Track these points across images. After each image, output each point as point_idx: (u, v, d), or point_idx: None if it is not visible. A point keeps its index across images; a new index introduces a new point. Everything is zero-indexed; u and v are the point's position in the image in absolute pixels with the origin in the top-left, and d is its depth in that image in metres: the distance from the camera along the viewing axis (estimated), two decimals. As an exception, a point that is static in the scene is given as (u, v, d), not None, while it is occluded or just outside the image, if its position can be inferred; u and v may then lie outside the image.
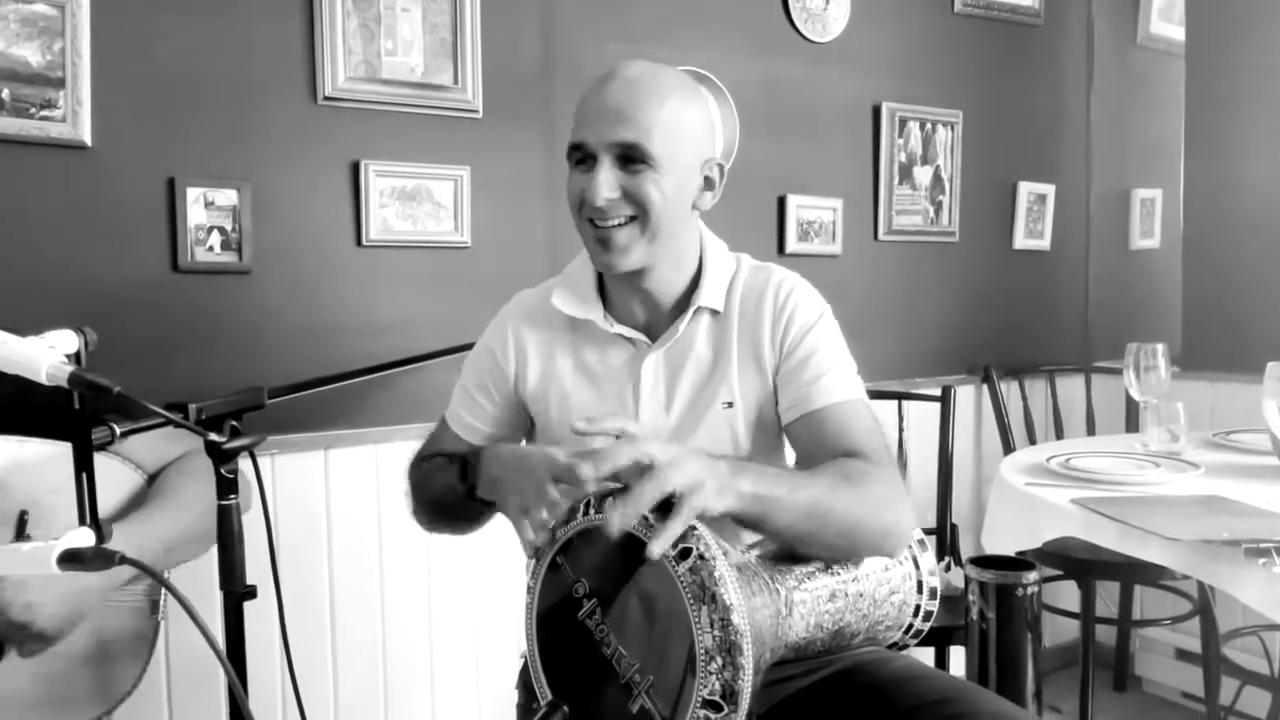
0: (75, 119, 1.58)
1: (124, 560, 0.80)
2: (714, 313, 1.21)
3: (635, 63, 1.14)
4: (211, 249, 1.70)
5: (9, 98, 1.53)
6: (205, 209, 1.70)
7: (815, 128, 2.42)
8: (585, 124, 1.10)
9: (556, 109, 2.04)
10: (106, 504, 1.19)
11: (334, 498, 1.84)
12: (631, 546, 0.90)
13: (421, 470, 1.32)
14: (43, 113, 1.56)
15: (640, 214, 1.11)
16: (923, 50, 2.60)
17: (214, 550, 1.19)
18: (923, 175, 2.60)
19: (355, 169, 1.84)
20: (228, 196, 1.71)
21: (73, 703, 1.19)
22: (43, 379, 0.83)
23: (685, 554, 0.90)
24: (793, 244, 2.37)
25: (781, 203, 2.37)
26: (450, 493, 1.20)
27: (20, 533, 1.14)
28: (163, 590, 1.29)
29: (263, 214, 1.75)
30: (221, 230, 1.71)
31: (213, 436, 0.92)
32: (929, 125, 2.60)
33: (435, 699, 1.99)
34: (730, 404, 1.19)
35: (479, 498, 1.15)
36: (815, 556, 1.05)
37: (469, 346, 1.70)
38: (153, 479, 1.28)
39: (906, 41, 2.57)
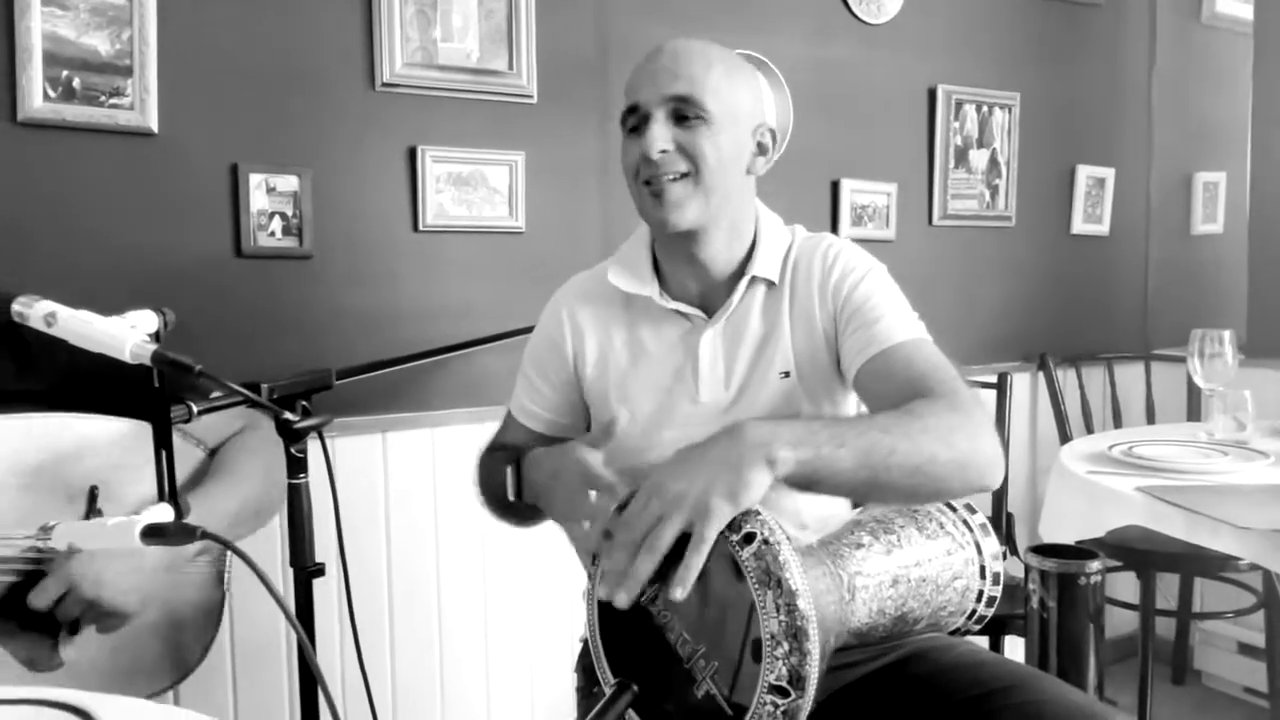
0: (143, 106, 1.61)
1: (205, 535, 0.82)
2: (769, 284, 1.21)
3: (681, 38, 1.15)
4: (273, 234, 1.73)
5: (80, 86, 1.57)
6: (267, 195, 1.72)
7: (869, 111, 2.39)
8: (638, 86, 1.12)
9: (610, 94, 2.04)
10: (178, 473, 1.22)
11: (392, 480, 1.87)
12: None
13: (487, 464, 1.33)
14: (111, 101, 1.59)
15: (694, 169, 1.11)
16: (980, 31, 2.55)
17: (273, 526, 1.22)
18: (979, 159, 2.56)
19: (412, 155, 1.85)
20: (289, 182, 1.74)
21: (144, 672, 1.22)
22: (126, 357, 0.85)
23: (749, 538, 0.89)
24: (846, 228, 2.35)
25: (835, 187, 2.34)
26: (506, 494, 1.21)
27: (91, 507, 1.17)
28: (228, 563, 1.33)
29: (322, 199, 1.78)
30: (283, 216, 1.74)
31: (287, 415, 0.93)
32: (985, 108, 2.55)
33: (490, 679, 2.02)
34: (787, 374, 1.19)
35: (529, 503, 1.16)
36: (897, 503, 1.03)
37: (526, 331, 1.72)
38: (213, 454, 1.31)
39: (963, 22, 2.52)
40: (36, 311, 0.87)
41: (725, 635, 0.91)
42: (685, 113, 1.10)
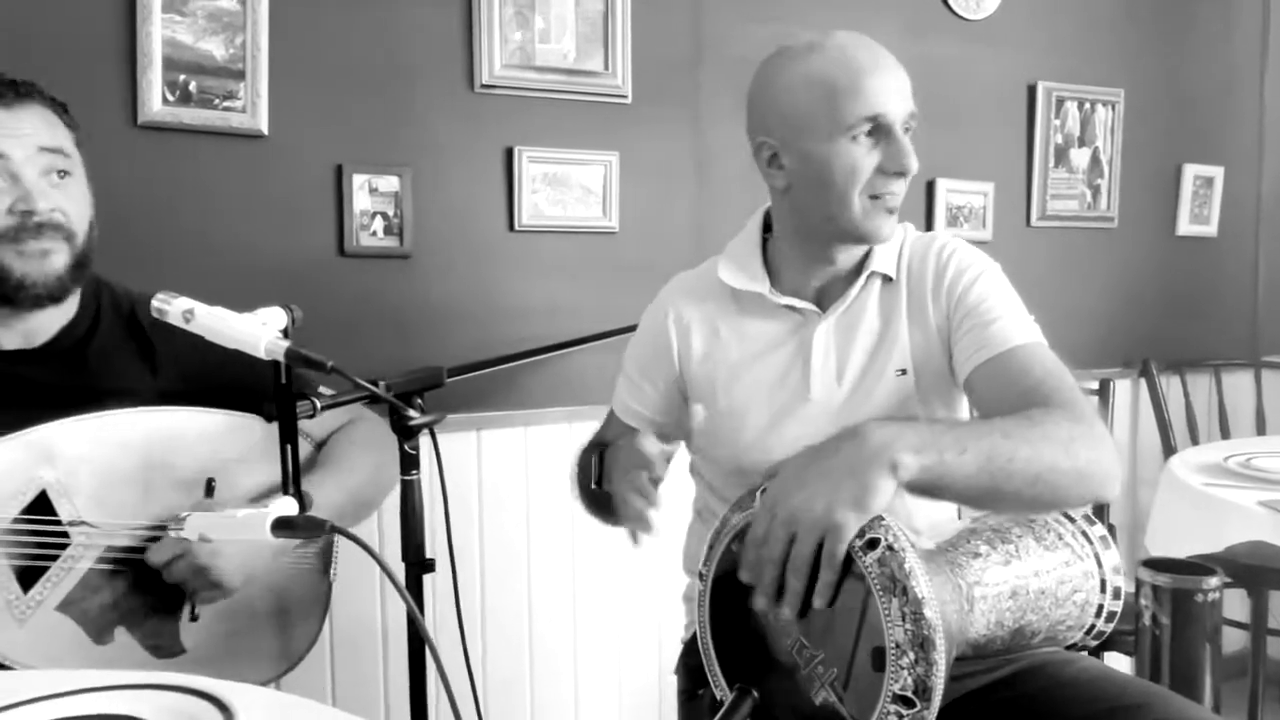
0: (254, 109, 1.66)
1: (333, 529, 0.83)
2: (886, 279, 1.19)
3: (860, 35, 1.16)
4: (375, 234, 1.77)
5: (196, 90, 1.62)
6: (370, 195, 1.76)
7: (966, 109, 2.34)
8: (880, 97, 1.09)
9: (704, 94, 2.03)
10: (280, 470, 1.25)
11: (485, 478, 1.89)
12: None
13: (582, 461, 1.33)
14: (225, 104, 1.64)
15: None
16: (1082, 25, 2.47)
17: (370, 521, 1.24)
18: (1080, 157, 2.48)
19: (509, 155, 1.87)
20: (390, 183, 1.77)
21: (256, 659, 1.25)
22: (261, 353, 0.87)
23: (873, 544, 0.88)
24: (941, 229, 2.30)
25: (930, 187, 2.30)
26: (590, 483, 1.22)
27: (208, 498, 1.21)
28: (334, 553, 1.35)
29: (422, 199, 1.80)
30: (384, 216, 1.77)
31: (411, 413, 0.95)
32: (1088, 105, 2.47)
33: (578, 675, 2.02)
34: (904, 371, 1.17)
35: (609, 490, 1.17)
36: (1012, 512, 1.00)
37: (624, 330, 1.72)
38: (319, 447, 1.34)
39: (1065, 17, 2.45)
40: (175, 308, 0.90)
41: (845, 642, 0.90)
42: (909, 126, 1.12)
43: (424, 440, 1.06)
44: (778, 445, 1.16)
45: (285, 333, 0.92)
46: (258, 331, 0.87)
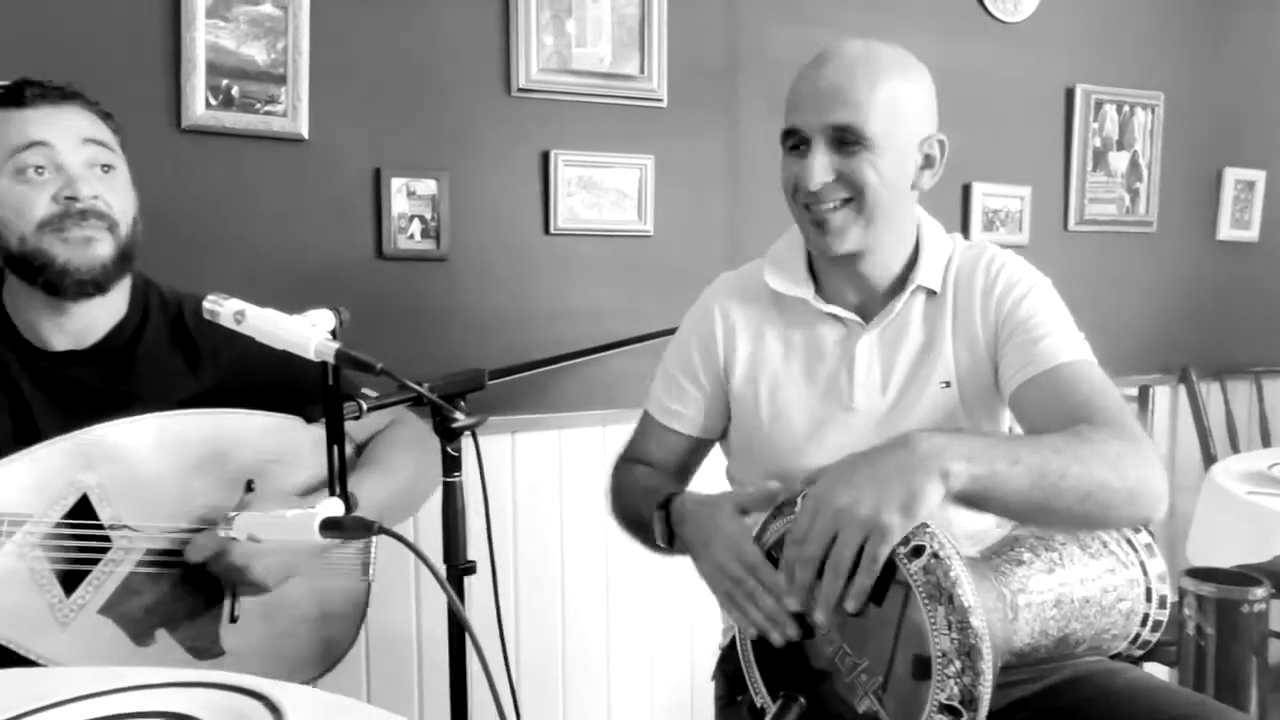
0: (295, 113, 1.67)
1: (381, 530, 0.84)
2: (930, 293, 1.18)
3: (851, 40, 1.11)
4: (412, 237, 1.78)
5: (238, 95, 1.64)
6: (407, 198, 1.77)
7: (1003, 111, 2.32)
8: (799, 107, 1.09)
9: (740, 97, 2.03)
10: (321, 470, 1.25)
11: (519, 480, 1.89)
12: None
13: (623, 477, 1.30)
14: (266, 108, 1.66)
15: (856, 196, 1.09)
16: (1121, 28, 2.45)
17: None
18: (1118, 161, 2.45)
19: (545, 159, 1.88)
20: (428, 186, 1.78)
21: (295, 661, 1.26)
22: (311, 355, 0.88)
23: (918, 551, 0.87)
24: (977, 233, 2.28)
25: (966, 191, 2.28)
26: (649, 529, 1.17)
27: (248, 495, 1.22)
28: (373, 553, 1.36)
29: (459, 203, 1.82)
30: (421, 219, 1.78)
31: (457, 415, 0.95)
32: (1126, 108, 2.44)
33: (611, 677, 2.02)
34: (948, 384, 1.16)
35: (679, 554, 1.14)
36: (1059, 529, 0.99)
37: (657, 335, 1.71)
38: (360, 449, 1.35)
39: (1104, 19, 2.42)
40: (226, 309, 0.91)
41: (890, 650, 0.89)
42: (846, 138, 1.07)
43: (464, 443, 1.06)
44: (818, 453, 1.16)
45: (333, 334, 0.93)
46: (307, 333, 0.88)
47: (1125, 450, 0.95)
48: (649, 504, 1.16)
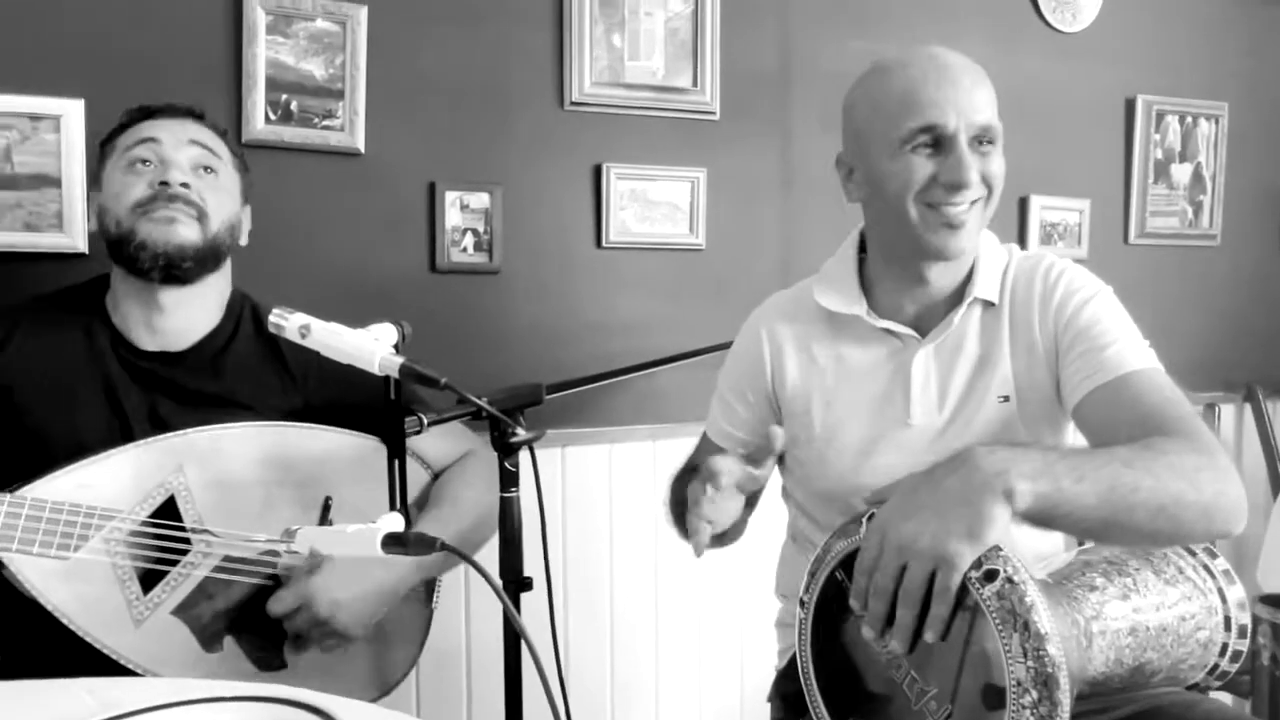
0: (352, 128, 1.69)
1: (444, 546, 0.83)
2: (988, 304, 1.16)
3: (939, 49, 1.12)
4: (465, 250, 1.79)
5: (297, 109, 1.66)
6: (461, 212, 1.78)
7: (1061, 123, 2.27)
8: (938, 106, 1.07)
9: (792, 109, 2.02)
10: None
11: (570, 494, 1.89)
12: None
13: (677, 488, 1.31)
14: (324, 122, 1.68)
15: (989, 194, 1.11)
16: (1184, 38, 2.40)
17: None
18: (1181, 173, 2.39)
19: (597, 172, 1.88)
20: (481, 200, 1.79)
21: (354, 681, 1.26)
22: (375, 369, 0.88)
23: (991, 576, 0.84)
24: (1034, 247, 2.24)
25: (1023, 204, 2.24)
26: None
27: (324, 517, 1.23)
28: (438, 581, 1.36)
29: (512, 216, 1.82)
30: (475, 232, 1.79)
31: (520, 431, 0.95)
32: (1189, 119, 2.39)
33: (659, 694, 2.01)
34: (1006, 398, 1.13)
35: None
36: (1132, 545, 0.97)
37: (709, 350, 1.71)
38: (436, 476, 1.35)
39: (1166, 28, 2.37)
40: (292, 323, 0.91)
41: (961, 677, 0.87)
42: (983, 138, 1.08)
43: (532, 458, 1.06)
44: (875, 470, 1.14)
45: (396, 348, 0.93)
46: (371, 347, 0.89)
47: (1201, 463, 0.92)
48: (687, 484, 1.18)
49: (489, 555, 1.10)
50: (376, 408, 1.03)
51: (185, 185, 1.21)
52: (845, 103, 1.18)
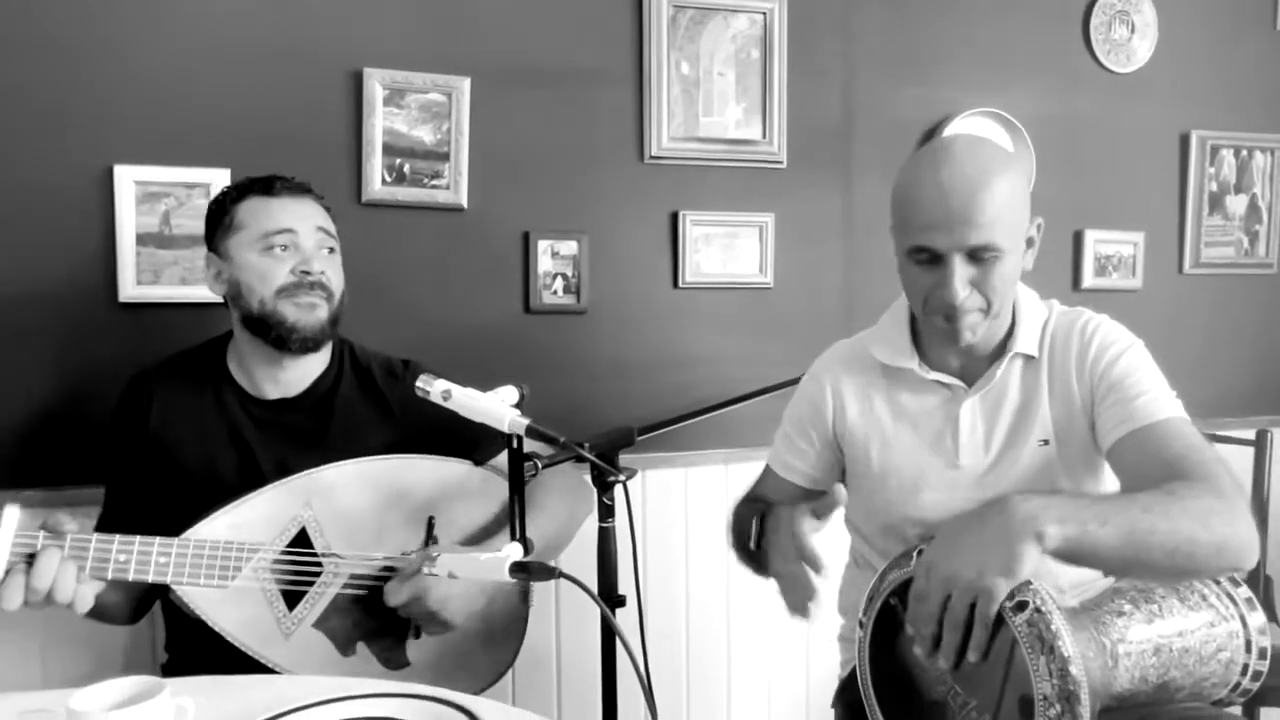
0: (456, 186, 1.89)
1: (561, 575, 1.01)
2: (1028, 358, 1.29)
3: (956, 146, 1.19)
4: (555, 292, 1.98)
5: (409, 171, 1.87)
6: (552, 258, 1.97)
7: (1116, 160, 2.37)
8: (932, 227, 1.16)
9: (854, 155, 2.16)
10: (492, 508, 1.46)
11: (649, 516, 2.06)
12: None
13: (740, 512, 1.46)
14: (432, 182, 1.88)
15: (989, 303, 1.20)
16: (1238, 73, 2.46)
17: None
18: (1236, 204, 2.46)
19: (674, 219, 2.05)
20: (570, 247, 1.98)
21: (467, 675, 1.44)
22: (505, 428, 1.06)
23: (1022, 606, 0.99)
24: (1089, 279, 2.34)
25: (1078, 237, 2.34)
26: (748, 540, 1.34)
27: (429, 535, 1.42)
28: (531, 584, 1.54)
29: (597, 261, 2.00)
30: (564, 276, 1.98)
31: (621, 477, 1.12)
32: (1244, 152, 2.46)
33: (731, 703, 2.16)
34: (1046, 441, 1.26)
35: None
36: (1152, 580, 1.09)
37: (779, 386, 1.86)
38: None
39: (1218, 66, 2.44)
40: (435, 389, 1.10)
41: (997, 691, 1.01)
42: (979, 254, 1.16)
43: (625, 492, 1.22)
44: (927, 505, 1.29)
45: (519, 405, 1.11)
46: (501, 410, 1.07)
47: (1216, 506, 1.04)
48: (753, 517, 1.32)
49: (590, 576, 1.27)
50: (466, 436, 1.23)
51: (322, 272, 1.41)
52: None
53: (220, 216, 1.45)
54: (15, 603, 1.16)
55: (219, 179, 1.74)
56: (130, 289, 1.72)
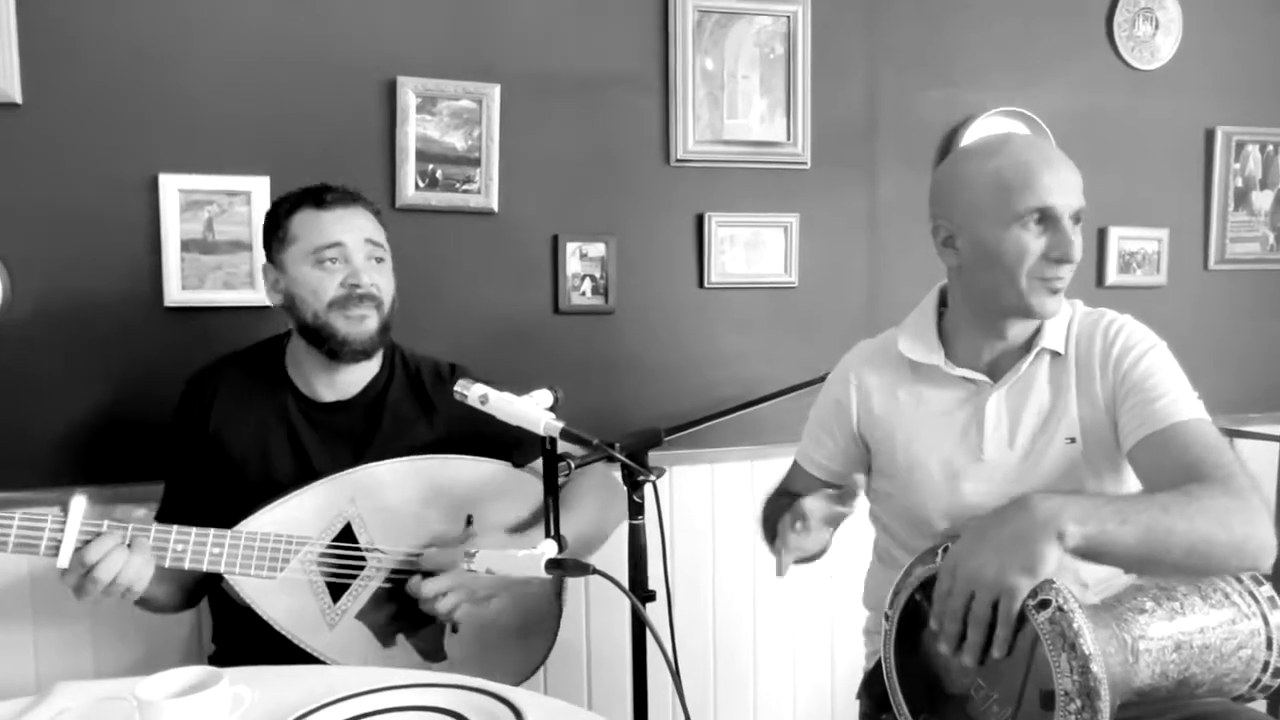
0: (487, 191, 1.94)
1: (595, 571, 1.05)
2: (1055, 354, 1.31)
3: (1025, 134, 1.32)
4: (584, 293, 2.02)
5: (441, 177, 1.91)
6: (580, 260, 2.01)
7: (1140, 156, 2.38)
8: (1052, 190, 1.23)
9: (878, 156, 2.18)
10: (527, 507, 1.50)
11: (676, 510, 2.10)
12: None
13: (771, 506, 1.51)
14: (464, 187, 1.93)
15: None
16: (1263, 68, 2.46)
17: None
18: (1262, 200, 2.46)
19: (700, 220, 2.08)
20: (597, 249, 2.02)
21: (502, 668, 1.49)
22: (540, 431, 1.11)
23: (1044, 604, 1.02)
24: (1113, 276, 2.35)
25: (1102, 234, 2.35)
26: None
27: (466, 531, 1.47)
28: (565, 581, 1.59)
29: (624, 262, 2.04)
30: (592, 278, 2.02)
31: (652, 478, 1.16)
32: (1270, 147, 2.45)
33: (758, 692, 2.20)
34: (1072, 439, 1.28)
35: None
36: (1171, 578, 1.11)
37: (803, 385, 1.89)
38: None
39: (1242, 62, 2.44)
40: (474, 393, 1.15)
41: (1020, 686, 1.04)
42: (1078, 218, 1.26)
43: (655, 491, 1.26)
44: (951, 499, 1.32)
45: (553, 408, 1.16)
46: (536, 413, 1.11)
47: (1233, 506, 1.07)
48: (779, 510, 1.35)
49: (620, 571, 1.32)
50: (505, 438, 1.28)
51: (373, 284, 1.46)
52: (945, 175, 1.33)
53: (275, 229, 1.50)
54: (78, 583, 1.22)
55: (259, 187, 1.80)
56: (176, 293, 1.78)
